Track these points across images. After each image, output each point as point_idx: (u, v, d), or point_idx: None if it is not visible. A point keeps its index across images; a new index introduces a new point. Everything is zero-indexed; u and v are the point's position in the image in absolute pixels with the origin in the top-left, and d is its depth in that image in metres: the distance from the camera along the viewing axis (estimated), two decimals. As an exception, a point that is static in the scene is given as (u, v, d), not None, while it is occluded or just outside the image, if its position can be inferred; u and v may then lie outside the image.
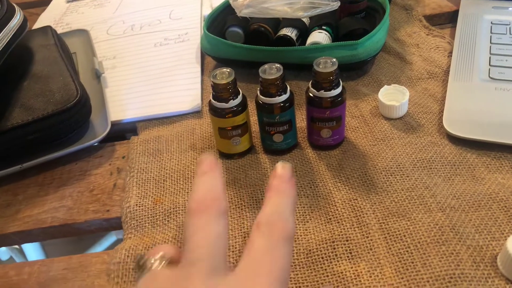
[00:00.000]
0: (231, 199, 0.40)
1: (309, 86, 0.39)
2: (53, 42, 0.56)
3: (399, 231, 0.35)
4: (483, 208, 0.36)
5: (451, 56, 0.51)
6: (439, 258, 0.33)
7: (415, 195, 0.38)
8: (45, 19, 0.75)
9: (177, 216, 0.39)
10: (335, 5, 0.50)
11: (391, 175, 0.40)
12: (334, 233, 0.36)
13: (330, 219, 0.37)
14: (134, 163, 0.45)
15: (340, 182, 0.40)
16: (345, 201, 0.38)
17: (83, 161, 0.47)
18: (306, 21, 0.55)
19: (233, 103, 0.39)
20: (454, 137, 0.42)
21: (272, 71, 0.38)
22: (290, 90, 0.40)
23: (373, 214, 0.37)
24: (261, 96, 0.39)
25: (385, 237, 0.35)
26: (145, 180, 0.43)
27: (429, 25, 0.59)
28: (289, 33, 0.52)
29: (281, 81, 0.38)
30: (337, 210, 0.38)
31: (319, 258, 0.34)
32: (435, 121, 0.45)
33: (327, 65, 0.38)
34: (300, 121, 0.46)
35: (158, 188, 0.42)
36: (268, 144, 0.43)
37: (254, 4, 0.51)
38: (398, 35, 0.58)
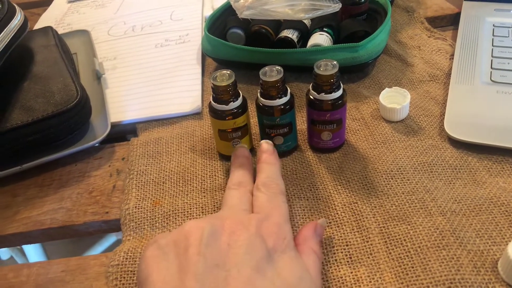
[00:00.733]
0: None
1: (310, 88, 0.39)
2: (54, 42, 0.56)
3: (399, 235, 0.35)
4: (484, 212, 0.36)
5: (453, 58, 0.51)
6: (439, 263, 0.32)
7: (416, 199, 0.37)
8: (46, 19, 0.75)
9: (176, 218, 0.39)
10: (336, 7, 0.50)
11: (392, 178, 0.40)
12: (334, 238, 0.35)
13: (330, 222, 0.37)
14: (133, 165, 0.45)
15: (340, 185, 0.40)
16: (345, 205, 0.38)
17: (83, 163, 0.47)
18: (307, 23, 0.54)
19: (233, 105, 0.39)
20: (455, 140, 0.42)
21: (272, 73, 0.38)
22: (290, 92, 0.40)
23: (373, 218, 0.36)
24: (261, 98, 0.39)
25: (385, 242, 0.35)
26: (145, 182, 0.43)
27: (430, 27, 0.59)
28: (290, 35, 0.52)
29: (282, 84, 0.38)
30: (337, 213, 0.37)
31: (318, 262, 0.34)
32: (436, 124, 0.44)
33: (327, 67, 0.38)
34: (300, 123, 0.46)
35: (157, 190, 0.42)
36: (268, 146, 0.43)
37: (255, 5, 0.50)
38: (399, 37, 0.58)
